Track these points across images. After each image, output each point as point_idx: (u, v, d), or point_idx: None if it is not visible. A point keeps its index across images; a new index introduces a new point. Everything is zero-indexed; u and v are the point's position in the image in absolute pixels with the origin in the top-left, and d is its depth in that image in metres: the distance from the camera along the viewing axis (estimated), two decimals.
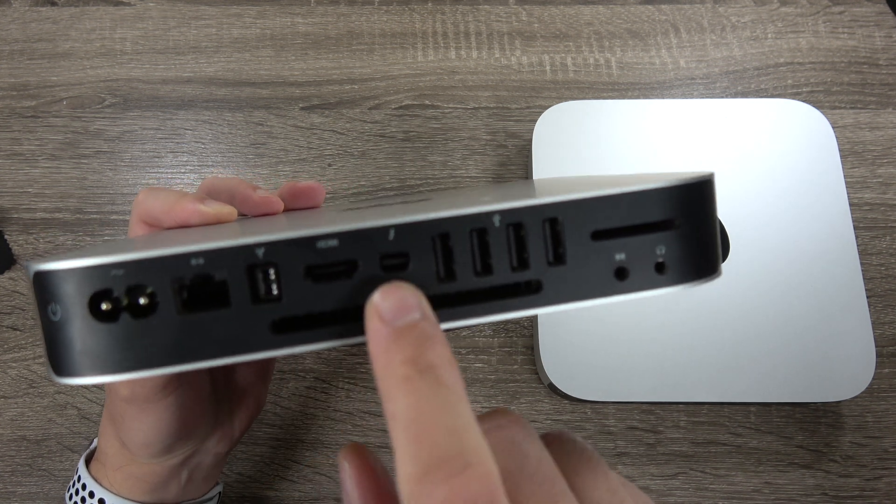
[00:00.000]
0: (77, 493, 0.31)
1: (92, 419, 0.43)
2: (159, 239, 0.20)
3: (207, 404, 0.30)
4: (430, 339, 0.16)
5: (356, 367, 0.44)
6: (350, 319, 0.17)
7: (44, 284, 0.16)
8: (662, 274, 0.18)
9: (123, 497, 0.30)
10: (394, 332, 0.15)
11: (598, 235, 0.18)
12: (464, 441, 0.14)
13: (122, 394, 0.26)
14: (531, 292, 0.18)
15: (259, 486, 0.42)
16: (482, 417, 0.18)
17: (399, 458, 0.14)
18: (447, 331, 0.18)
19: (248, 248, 0.16)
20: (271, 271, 0.17)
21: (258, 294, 0.17)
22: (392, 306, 0.16)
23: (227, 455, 0.34)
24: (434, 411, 0.15)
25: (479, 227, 0.17)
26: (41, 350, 0.44)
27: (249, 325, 0.17)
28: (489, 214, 0.17)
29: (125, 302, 0.16)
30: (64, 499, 0.32)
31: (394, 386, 0.15)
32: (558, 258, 0.18)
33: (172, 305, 0.16)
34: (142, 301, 0.16)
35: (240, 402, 0.33)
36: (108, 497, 0.30)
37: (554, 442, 0.19)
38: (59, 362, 0.16)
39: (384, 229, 0.17)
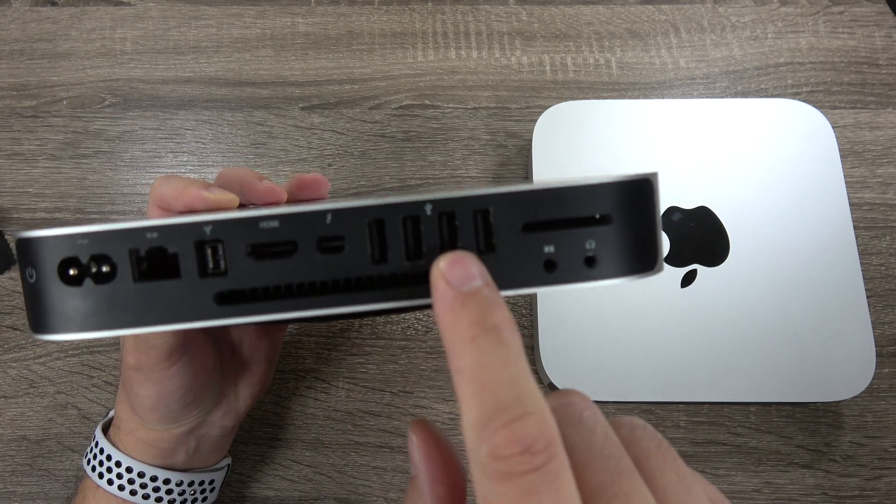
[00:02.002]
0: (95, 457, 0.33)
1: (92, 419, 0.43)
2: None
3: (212, 377, 0.32)
4: (493, 303, 0.17)
5: (356, 367, 0.44)
6: (291, 295, 0.18)
7: (24, 250, 0.18)
8: (592, 268, 0.19)
9: (135, 459, 0.32)
10: (460, 296, 0.17)
11: (530, 228, 0.18)
12: (522, 390, 0.16)
13: (129, 362, 0.28)
14: None
15: (259, 486, 0.42)
16: (554, 395, 0.19)
17: (464, 408, 0.16)
18: (378, 313, 0.19)
19: (198, 226, 0.18)
20: (219, 247, 0.18)
21: (206, 267, 0.18)
22: (457, 274, 0.17)
23: (234, 429, 0.36)
24: (496, 365, 0.16)
25: (412, 214, 0.18)
26: (42, 349, 0.44)
27: (196, 295, 0.18)
28: (421, 203, 0.18)
29: (89, 268, 0.18)
30: (82, 466, 0.34)
31: (460, 345, 0.16)
32: (489, 247, 0.19)
33: (129, 274, 0.18)
34: (104, 268, 0.18)
35: (244, 378, 0.35)
36: (123, 459, 0.32)
37: (625, 426, 0.19)
38: (34, 320, 0.19)
39: (322, 213, 0.18)
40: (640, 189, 0.19)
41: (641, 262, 0.19)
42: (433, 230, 0.18)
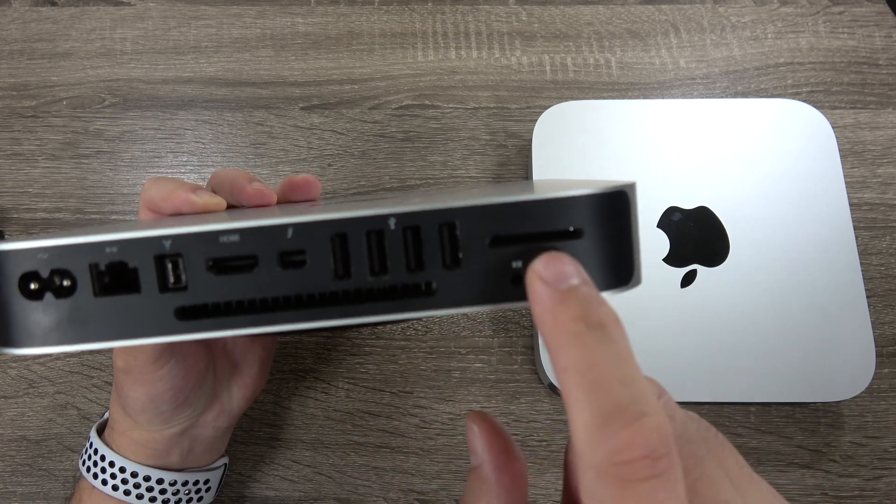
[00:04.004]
0: (90, 457, 0.33)
1: (92, 419, 0.43)
2: (130, 225, 0.21)
3: (203, 379, 0.32)
4: (595, 300, 0.16)
5: (356, 367, 0.44)
6: (252, 311, 0.18)
7: None
8: None
9: (129, 459, 0.32)
10: (559, 294, 0.16)
11: (497, 242, 0.18)
12: (638, 391, 0.15)
13: (118, 364, 0.29)
14: (425, 294, 0.18)
15: (259, 486, 0.42)
16: None
17: (574, 407, 0.15)
18: (344, 328, 0.18)
19: (157, 240, 0.18)
20: (179, 262, 0.18)
21: (166, 282, 0.18)
22: (553, 273, 0.17)
23: (228, 430, 0.36)
24: (607, 363, 0.15)
25: (375, 228, 0.18)
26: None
27: (157, 310, 0.18)
28: (385, 217, 0.18)
29: (50, 283, 0.18)
30: (78, 467, 0.34)
31: (564, 341, 0.16)
32: (455, 262, 0.18)
33: (89, 288, 0.18)
34: (64, 283, 0.18)
35: (237, 380, 0.35)
36: (116, 459, 0.32)
37: (687, 418, 0.19)
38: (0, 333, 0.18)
39: (283, 227, 0.18)
40: (615, 201, 0.18)
41: (616, 276, 0.19)
42: (398, 245, 0.18)
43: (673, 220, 0.43)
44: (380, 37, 0.53)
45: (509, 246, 0.18)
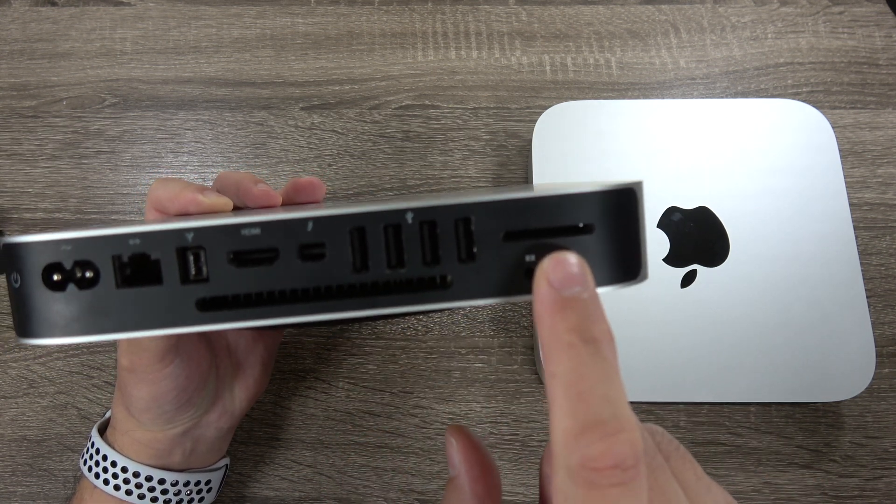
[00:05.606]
0: (91, 457, 0.33)
1: (92, 419, 0.43)
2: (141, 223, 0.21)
3: (206, 379, 0.32)
4: (593, 314, 0.17)
5: (356, 367, 0.44)
6: (272, 302, 0.18)
7: (8, 255, 0.18)
8: None
9: (131, 459, 0.32)
10: (561, 300, 0.17)
11: (511, 236, 0.19)
12: (619, 409, 0.16)
13: (123, 363, 0.29)
14: (441, 287, 0.19)
15: (259, 486, 0.42)
16: None
17: (557, 413, 0.16)
18: (359, 320, 0.19)
19: (179, 233, 0.18)
20: (200, 254, 0.18)
21: (188, 274, 0.18)
22: (561, 276, 0.17)
23: (230, 431, 0.36)
24: (594, 378, 0.16)
25: (393, 223, 0.18)
26: (42, 350, 0.44)
27: (178, 301, 0.18)
28: (402, 211, 0.18)
29: (73, 274, 0.18)
30: (79, 466, 0.34)
31: (558, 349, 0.17)
32: (469, 256, 0.19)
33: (112, 279, 0.18)
34: (87, 274, 0.18)
35: (240, 381, 0.35)
36: (118, 459, 0.32)
37: (645, 430, 0.20)
38: (20, 324, 0.19)
39: (303, 221, 0.18)
40: (624, 198, 0.19)
41: (624, 271, 0.19)
42: (415, 239, 0.18)
43: (673, 220, 0.43)
44: (380, 37, 0.53)
45: (522, 240, 0.19)
